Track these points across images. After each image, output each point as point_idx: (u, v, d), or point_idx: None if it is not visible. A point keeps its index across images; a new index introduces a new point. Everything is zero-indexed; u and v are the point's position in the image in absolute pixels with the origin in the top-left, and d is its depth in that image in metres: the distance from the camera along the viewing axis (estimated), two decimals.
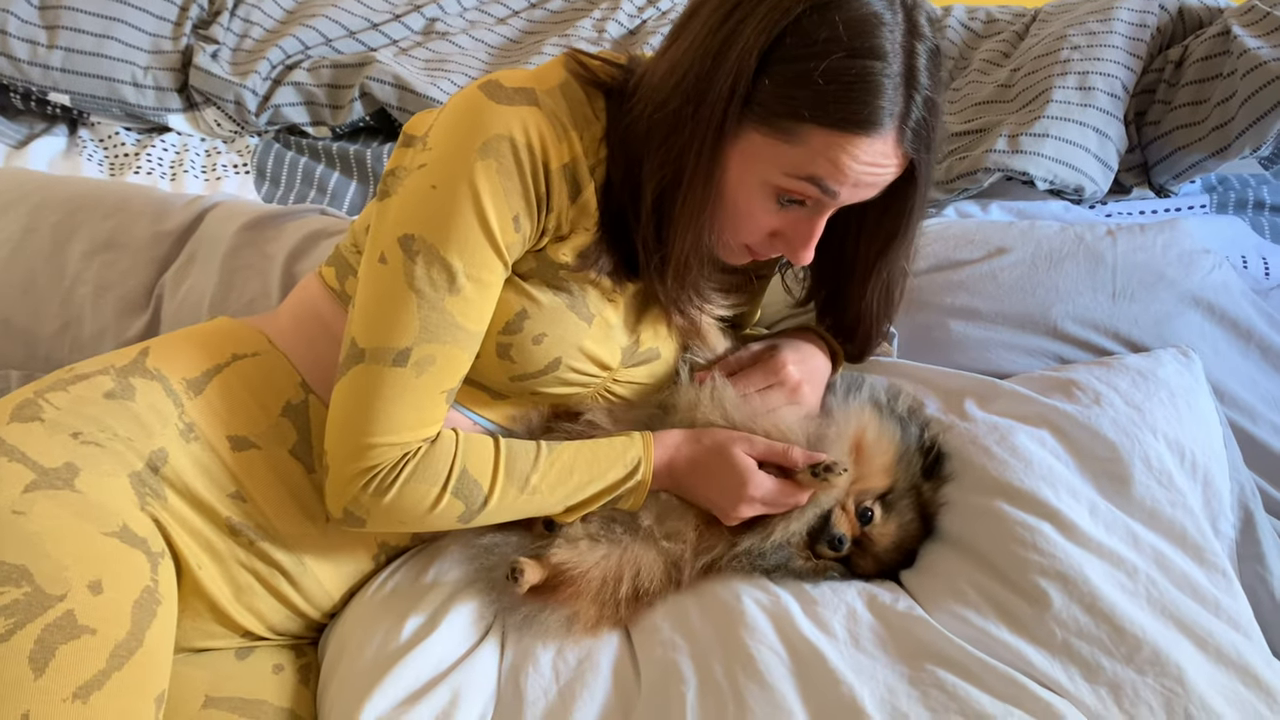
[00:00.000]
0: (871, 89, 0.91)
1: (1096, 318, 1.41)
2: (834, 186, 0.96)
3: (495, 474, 1.05)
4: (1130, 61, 1.78)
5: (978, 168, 1.65)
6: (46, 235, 1.50)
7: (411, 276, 0.97)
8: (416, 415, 1.00)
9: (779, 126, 0.94)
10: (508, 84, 0.99)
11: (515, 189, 0.97)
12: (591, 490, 1.10)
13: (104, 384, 1.06)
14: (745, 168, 0.97)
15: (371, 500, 1.02)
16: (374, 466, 1.00)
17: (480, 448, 1.06)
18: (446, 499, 1.03)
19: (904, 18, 0.92)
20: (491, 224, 0.97)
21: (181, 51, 1.94)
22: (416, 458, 1.02)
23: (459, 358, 1.01)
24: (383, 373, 0.98)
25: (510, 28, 2.19)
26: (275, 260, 1.50)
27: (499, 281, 1.01)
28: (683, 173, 0.98)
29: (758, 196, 0.99)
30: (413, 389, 0.99)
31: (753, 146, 0.96)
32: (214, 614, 1.09)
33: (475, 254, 0.97)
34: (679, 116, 0.96)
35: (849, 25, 0.90)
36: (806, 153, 0.94)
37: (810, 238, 1.02)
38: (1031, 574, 1.08)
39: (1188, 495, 1.17)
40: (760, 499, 1.11)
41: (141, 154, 1.88)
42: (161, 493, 1.04)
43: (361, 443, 0.99)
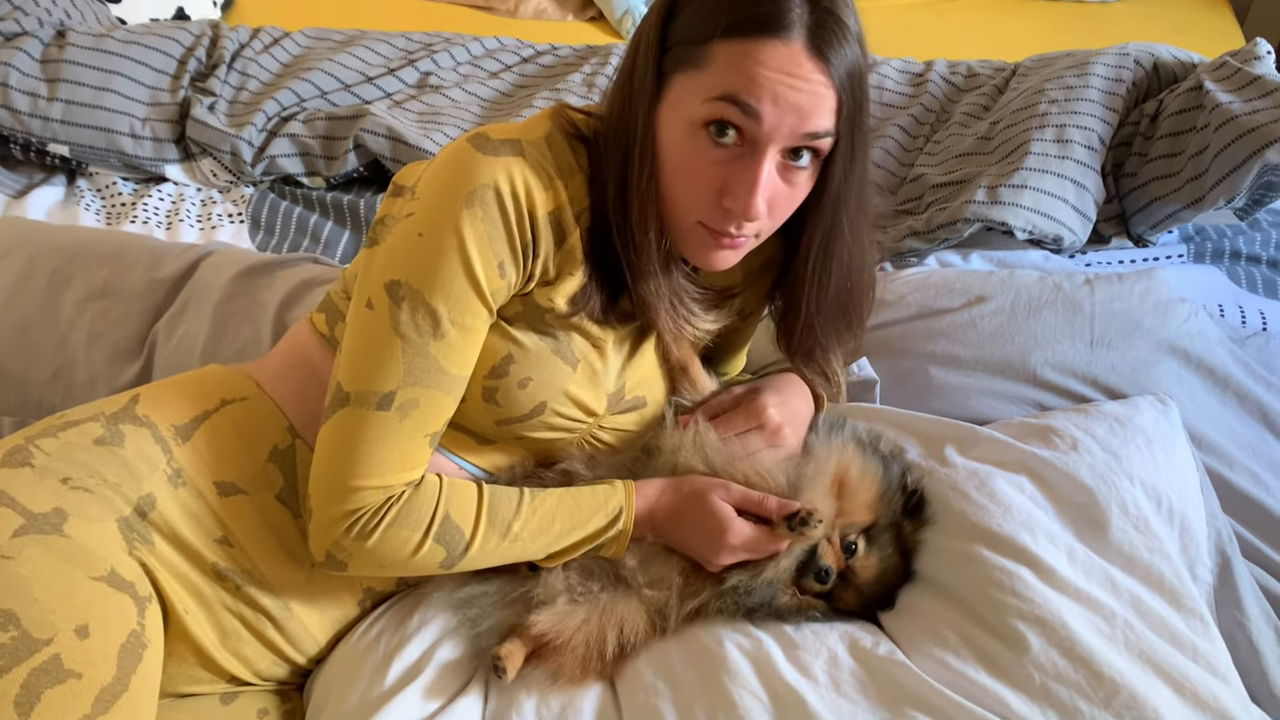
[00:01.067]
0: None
1: (1075, 365, 1.43)
2: (750, 100, 0.92)
3: (478, 521, 1.06)
4: (1106, 115, 1.82)
5: (958, 218, 1.68)
6: (42, 283, 1.53)
7: (397, 322, 0.98)
8: (400, 459, 1.01)
9: (692, 59, 0.95)
10: (494, 136, 1.01)
11: (500, 236, 0.99)
12: (573, 538, 1.11)
13: (94, 430, 1.07)
14: (675, 116, 0.97)
15: (354, 544, 1.02)
16: (357, 510, 1.01)
17: (463, 494, 1.07)
18: (429, 545, 1.04)
19: None
20: (476, 271, 0.98)
21: (179, 104, 1.97)
22: (400, 502, 1.02)
23: (443, 402, 1.02)
24: (367, 416, 1.00)
25: (502, 81, 2.24)
26: (267, 308, 1.52)
27: (483, 327, 1.03)
28: (628, 151, 1.01)
29: (691, 140, 0.97)
30: (396, 432, 1.00)
31: (677, 91, 0.97)
32: (200, 659, 1.09)
33: (460, 300, 0.99)
34: (620, 103, 1.01)
35: None
36: (718, 71, 0.93)
37: (754, 183, 0.96)
38: (1010, 618, 1.09)
39: (1165, 541, 1.18)
40: (740, 546, 1.12)
41: (138, 203, 1.91)
42: (149, 538, 1.05)
43: (345, 486, 1.00)
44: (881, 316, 1.51)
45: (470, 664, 1.14)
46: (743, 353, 1.43)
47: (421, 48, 2.32)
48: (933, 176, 1.84)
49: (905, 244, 1.73)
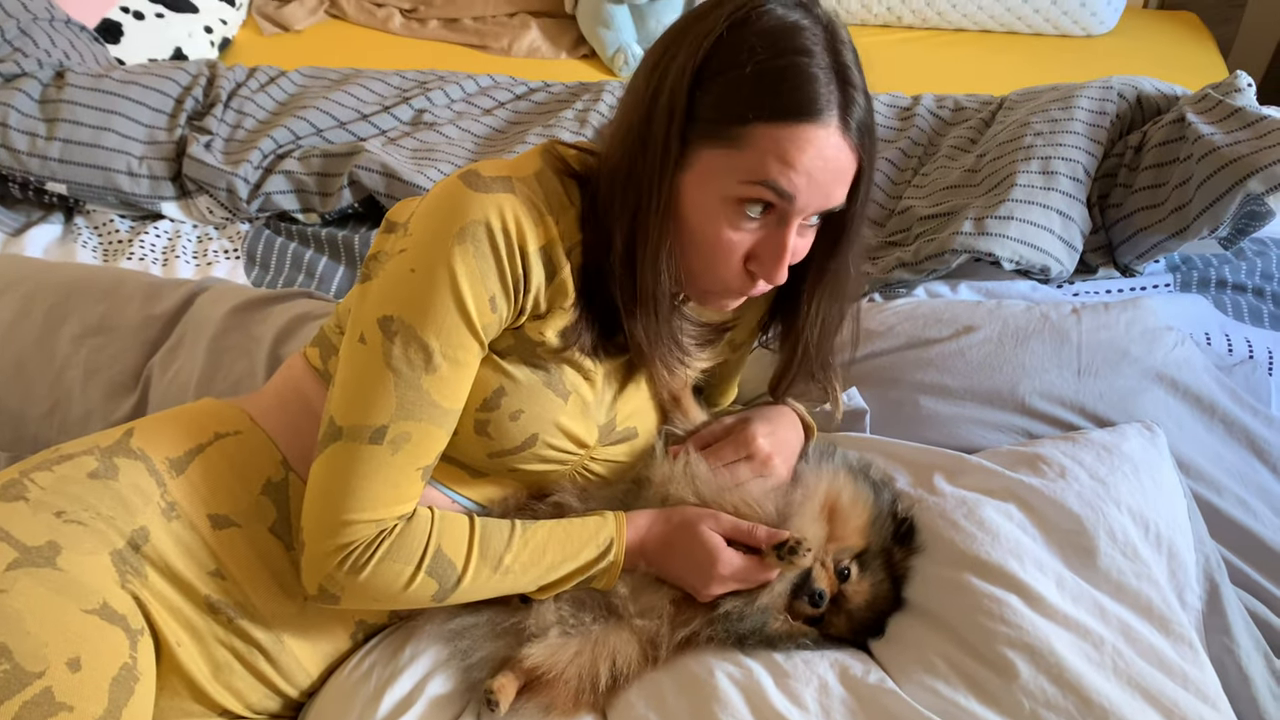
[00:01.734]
0: (804, 77, 0.94)
1: (1063, 394, 1.43)
2: (787, 186, 0.96)
3: (469, 553, 1.07)
4: (1091, 147, 1.85)
5: (945, 249, 1.69)
6: (39, 319, 1.54)
7: (389, 356, 1.00)
8: (393, 492, 1.02)
9: (724, 135, 0.97)
10: (485, 173, 1.03)
11: (491, 271, 1.00)
12: (564, 570, 1.12)
13: (88, 464, 1.08)
14: (702, 189, 1.00)
15: (347, 578, 1.03)
16: (350, 544, 1.02)
17: (455, 527, 1.07)
18: (421, 578, 1.04)
19: (823, 27, 0.97)
20: (468, 305, 1.00)
21: (176, 142, 1.99)
22: (392, 536, 1.03)
23: (435, 435, 1.03)
24: (359, 450, 1.01)
25: (496, 118, 2.27)
26: (262, 342, 1.53)
27: (475, 361, 1.04)
28: (641, 208, 1.01)
29: (719, 214, 1.00)
30: (388, 466, 1.01)
31: (705, 164, 0.99)
32: (192, 692, 1.09)
33: (451, 334, 1.00)
34: (632, 152, 1.01)
35: (771, 33, 0.95)
36: (755, 154, 0.96)
37: (780, 253, 1.02)
38: (999, 645, 1.09)
39: (1153, 567, 1.19)
40: (730, 576, 1.12)
41: (135, 240, 1.93)
42: (142, 570, 1.05)
43: (337, 520, 1.01)
44: (870, 347, 1.52)
45: (462, 696, 1.14)
46: (733, 383, 1.44)
47: (416, 85, 2.35)
48: (920, 208, 1.86)
49: (894, 275, 1.74)
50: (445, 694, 1.14)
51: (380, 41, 2.89)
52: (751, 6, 0.96)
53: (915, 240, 1.80)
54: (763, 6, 0.96)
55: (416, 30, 2.91)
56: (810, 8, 0.98)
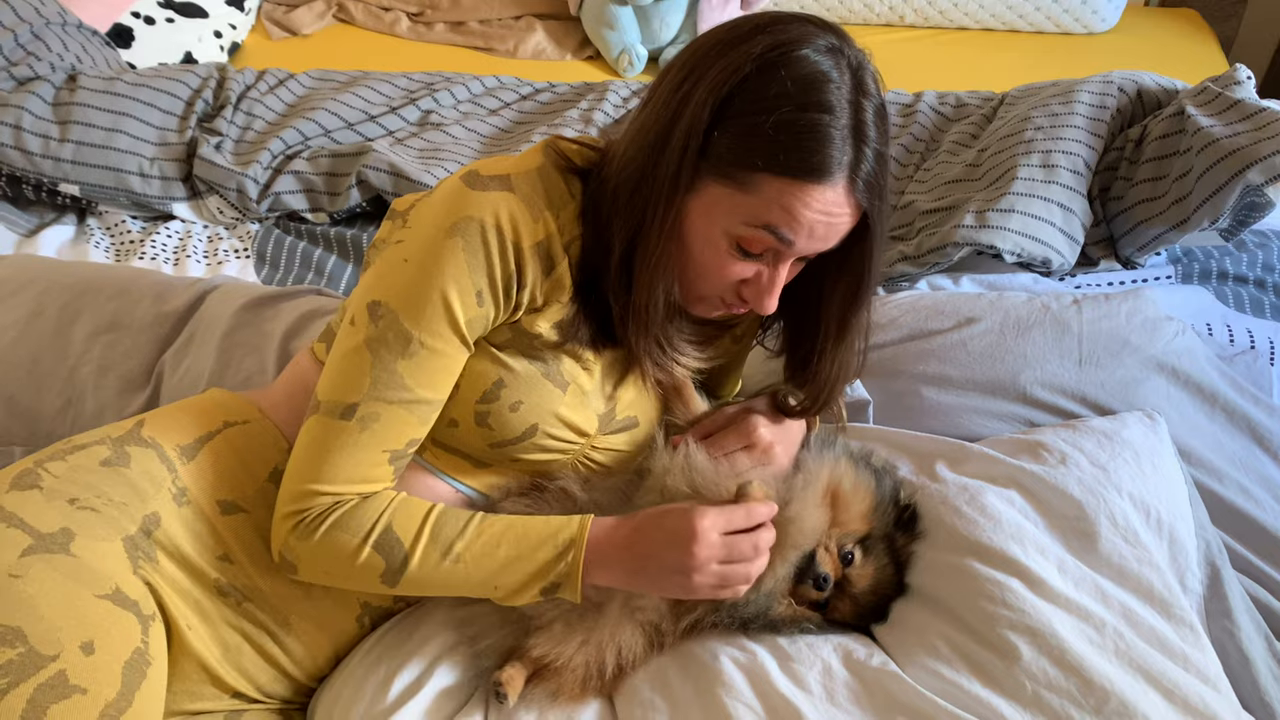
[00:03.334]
0: (821, 139, 0.95)
1: (1064, 383, 1.44)
2: (788, 234, 1.00)
3: (419, 534, 1.07)
4: (1091, 140, 1.86)
5: (947, 242, 1.71)
6: (52, 317, 1.56)
7: (371, 338, 1.04)
8: (356, 469, 1.05)
9: (735, 177, 0.99)
10: (485, 173, 1.07)
11: (480, 266, 1.03)
12: (521, 572, 1.07)
13: (100, 453, 1.11)
14: (706, 219, 1.03)
15: (299, 543, 1.06)
16: (304, 510, 1.06)
17: (411, 509, 1.08)
18: (366, 552, 1.06)
19: (850, 77, 0.97)
20: (451, 298, 1.03)
21: (186, 143, 2.02)
22: (345, 507, 1.06)
23: (405, 420, 1.06)
24: (331, 425, 1.05)
25: (501, 118, 2.29)
26: (272, 338, 1.55)
27: (455, 353, 1.06)
28: (644, 224, 1.03)
29: (720, 246, 1.04)
30: (354, 443, 1.04)
31: (711, 198, 1.01)
32: (204, 674, 1.11)
33: (431, 324, 1.03)
34: (641, 172, 1.03)
35: (797, 82, 0.95)
36: (761, 201, 0.99)
37: (773, 287, 1.06)
38: (1001, 628, 1.10)
39: (1154, 552, 1.19)
40: (717, 558, 1.06)
41: (146, 240, 1.95)
42: (153, 555, 1.08)
43: (300, 488, 1.06)
44: (874, 339, 1.51)
45: (470, 684, 1.16)
46: (737, 374, 1.45)
47: (423, 87, 2.38)
48: (922, 203, 1.88)
49: (896, 269, 1.76)
50: (453, 681, 1.15)
51: (387, 45, 2.91)
52: (785, 48, 0.96)
53: (918, 234, 1.82)
54: (796, 50, 0.96)
55: (423, 34, 2.94)
56: (841, 52, 0.98)
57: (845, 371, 1.21)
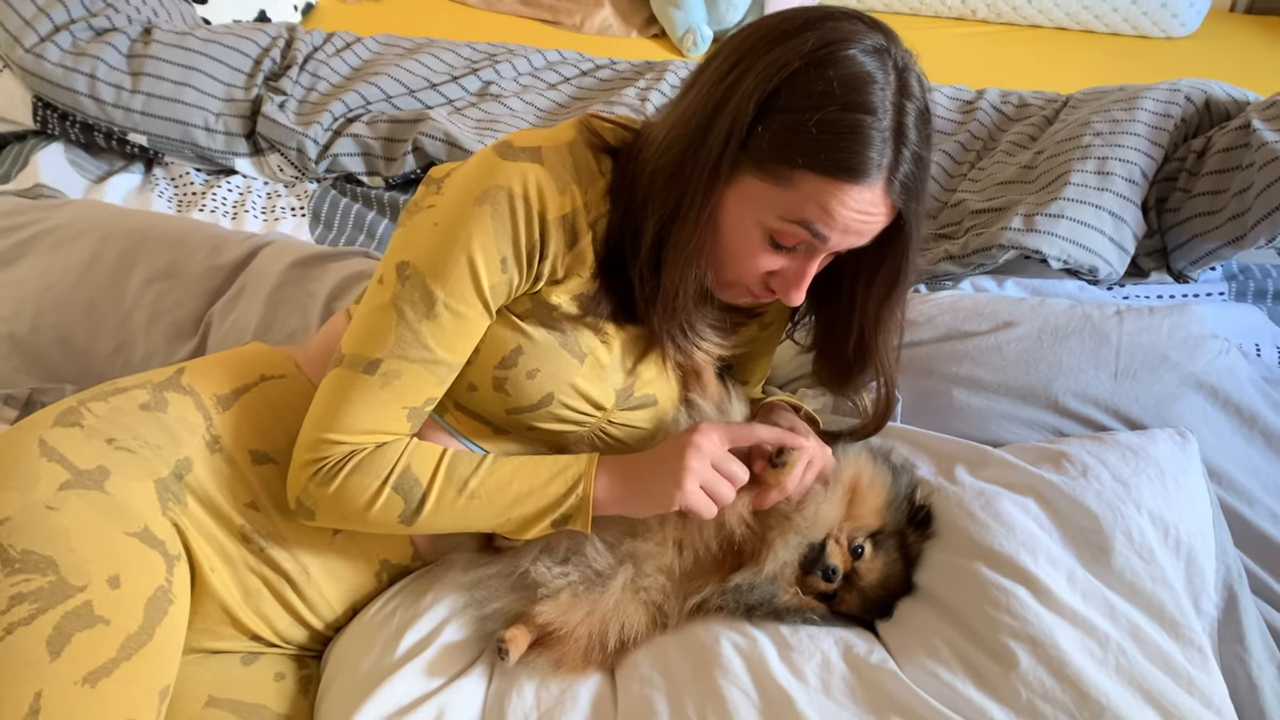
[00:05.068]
0: (862, 140, 0.96)
1: (1098, 395, 1.42)
2: (824, 231, 1.01)
3: (435, 473, 1.10)
4: (1151, 149, 1.82)
5: (993, 244, 1.69)
6: (110, 262, 1.62)
7: (398, 297, 1.06)
8: (373, 422, 1.08)
9: (773, 172, 1.00)
10: (518, 144, 1.09)
11: (506, 234, 1.05)
12: (533, 505, 1.12)
13: (140, 396, 1.15)
14: (741, 209, 1.04)
15: (318, 489, 1.09)
16: (322, 458, 1.09)
17: (427, 451, 1.12)
18: (386, 493, 1.09)
19: (895, 78, 0.98)
20: (477, 263, 1.05)
21: (252, 101, 2.07)
22: (362, 454, 1.09)
23: (425, 379, 1.09)
24: (354, 378, 1.07)
25: (560, 93, 2.30)
26: (317, 297, 1.59)
27: (477, 317, 1.08)
28: (680, 209, 1.05)
29: (753, 237, 1.05)
30: (374, 398, 1.07)
31: (748, 189, 1.02)
32: (224, 616, 1.15)
33: (456, 287, 1.06)
34: (681, 158, 1.04)
35: (843, 82, 0.96)
36: (798, 197, 1.00)
37: (802, 280, 1.08)
38: (1002, 635, 1.10)
39: (1168, 571, 1.18)
40: (701, 465, 1.10)
41: (208, 193, 2.01)
42: (183, 498, 1.12)
43: (318, 437, 1.08)
44: (909, 336, 1.50)
45: (475, 645, 1.19)
46: (763, 361, 1.44)
47: (485, 57, 2.40)
48: (973, 203, 1.85)
49: (940, 267, 1.74)
50: (459, 640, 1.18)
51: (457, 13, 2.94)
52: (833, 47, 0.97)
53: (965, 234, 1.80)
54: (843, 50, 0.97)
55: (493, 3, 2.97)
56: (888, 53, 0.99)
57: (879, 368, 1.22)
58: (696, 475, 1.10)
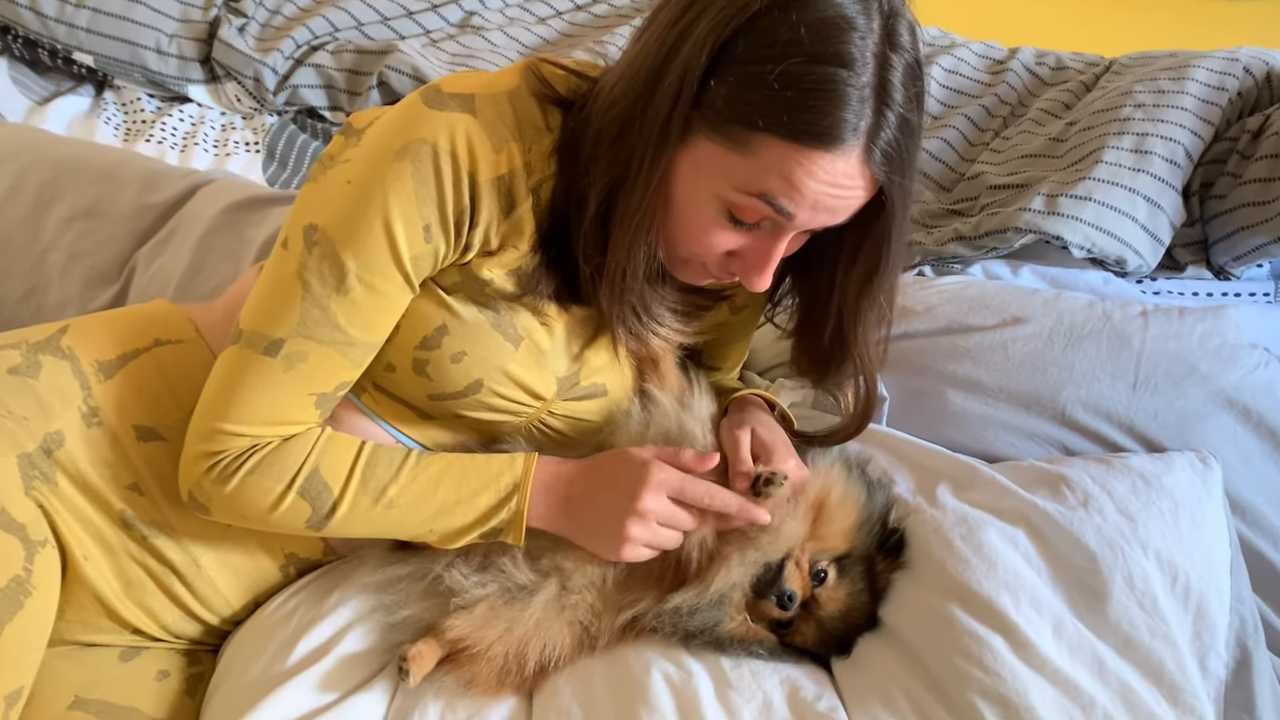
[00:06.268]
0: (834, 99, 0.82)
1: (1111, 407, 1.29)
2: (788, 206, 0.87)
3: (349, 479, 0.99)
4: (1198, 126, 1.63)
5: (1008, 226, 1.52)
6: (30, 195, 1.49)
7: (304, 267, 0.94)
8: (276, 411, 0.96)
9: (730, 134, 0.86)
10: (447, 89, 0.95)
11: (430, 197, 0.92)
12: (460, 518, 1.01)
13: (11, 358, 1.04)
14: (695, 177, 0.90)
15: (213, 487, 0.98)
16: (219, 452, 0.97)
17: (340, 449, 1.00)
18: (291, 498, 0.98)
19: (880, 25, 0.84)
20: (396, 231, 0.92)
21: (210, 22, 1.92)
22: (264, 450, 0.97)
23: (335, 362, 0.96)
24: (252, 359, 0.96)
25: (549, 28, 2.14)
26: (252, 245, 1.46)
27: (396, 292, 0.96)
28: (626, 176, 0.92)
29: (708, 211, 0.91)
30: (276, 383, 0.95)
31: (702, 154, 0.89)
32: (100, 608, 1.05)
33: (372, 258, 0.93)
34: (628, 115, 0.90)
35: (813, 27, 0.82)
36: (758, 166, 0.86)
37: (766, 262, 0.95)
38: (970, 692, 0.99)
39: (1172, 624, 1.06)
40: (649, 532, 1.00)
41: (157, 122, 1.87)
42: (52, 477, 1.01)
43: (213, 426, 0.97)
44: (903, 327, 1.38)
45: (379, 656, 1.08)
46: (736, 348, 1.31)
47: None
48: (992, 176, 1.68)
49: (949, 249, 1.58)
50: (361, 651, 1.07)
51: None
52: None
53: (980, 212, 1.63)
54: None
55: None
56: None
57: (858, 364, 1.09)
58: (639, 540, 1.01)
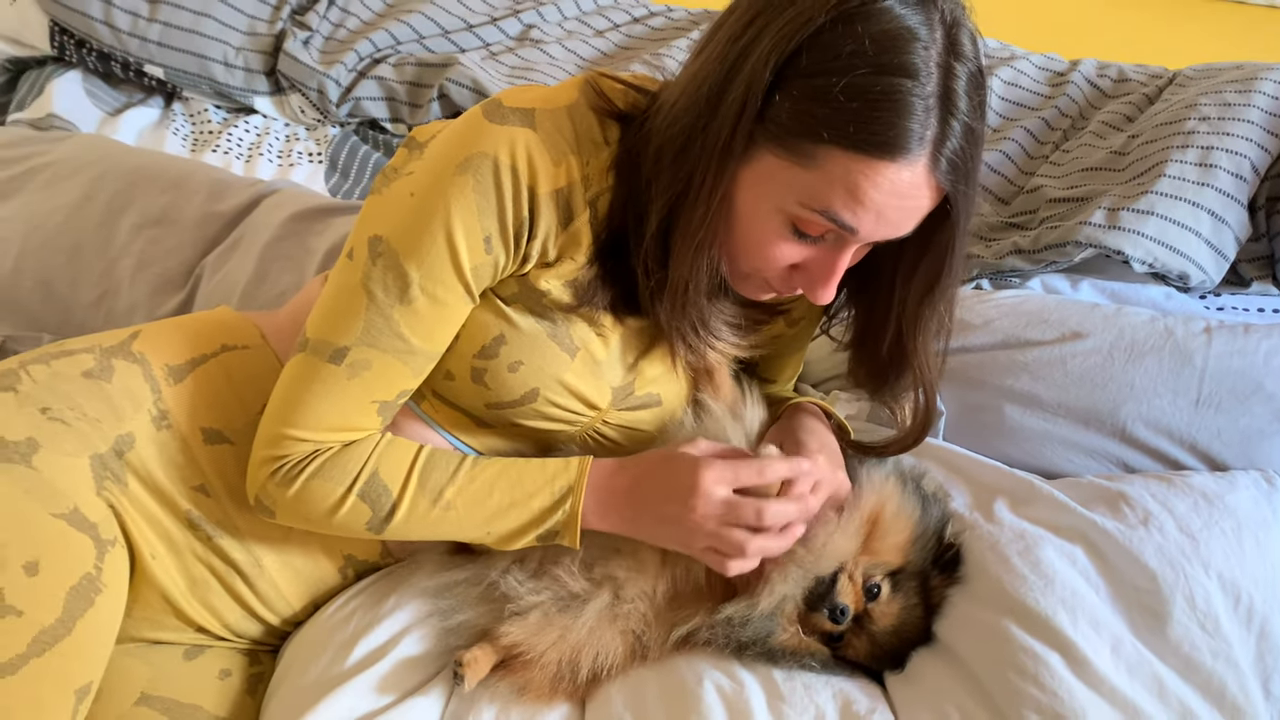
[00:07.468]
0: (899, 109, 0.82)
1: (1173, 425, 1.26)
2: (850, 222, 0.87)
3: (407, 481, 1.01)
4: (1266, 140, 1.59)
5: (1068, 240, 1.50)
6: (102, 204, 1.53)
7: (368, 277, 0.96)
8: (339, 418, 0.98)
9: (794, 148, 0.86)
10: (508, 103, 0.96)
11: (490, 209, 0.94)
12: (515, 519, 1.02)
13: (85, 362, 1.07)
14: (758, 192, 0.90)
15: (277, 490, 1.00)
16: (283, 456, 1.00)
17: (399, 453, 1.02)
18: (351, 500, 1.00)
19: (943, 35, 0.84)
20: (457, 242, 0.94)
21: (275, 35, 1.96)
22: (326, 454, 1.00)
23: (397, 370, 0.98)
24: (318, 366, 0.98)
25: (606, 41, 2.15)
26: (315, 254, 1.49)
27: (457, 302, 0.98)
28: (689, 191, 0.92)
29: (772, 224, 0.92)
30: (341, 390, 0.98)
31: (766, 168, 0.89)
32: (166, 606, 1.07)
33: (434, 269, 0.95)
34: (690, 131, 0.91)
35: (877, 39, 0.82)
36: (823, 179, 0.86)
37: (830, 275, 0.94)
38: (1025, 709, 0.98)
39: (1235, 646, 1.03)
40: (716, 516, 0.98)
41: (224, 132, 1.91)
42: (123, 478, 1.03)
43: (279, 431, 0.99)
44: (961, 340, 1.36)
45: (436, 659, 1.09)
46: (791, 360, 1.30)
47: None
48: (1052, 189, 1.66)
49: (1008, 262, 1.56)
50: (417, 654, 1.09)
51: None
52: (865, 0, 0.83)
53: (1039, 225, 1.61)
54: (879, 2, 0.83)
55: None
56: (934, 5, 0.84)
57: (918, 375, 1.08)
58: (702, 533, 0.99)
